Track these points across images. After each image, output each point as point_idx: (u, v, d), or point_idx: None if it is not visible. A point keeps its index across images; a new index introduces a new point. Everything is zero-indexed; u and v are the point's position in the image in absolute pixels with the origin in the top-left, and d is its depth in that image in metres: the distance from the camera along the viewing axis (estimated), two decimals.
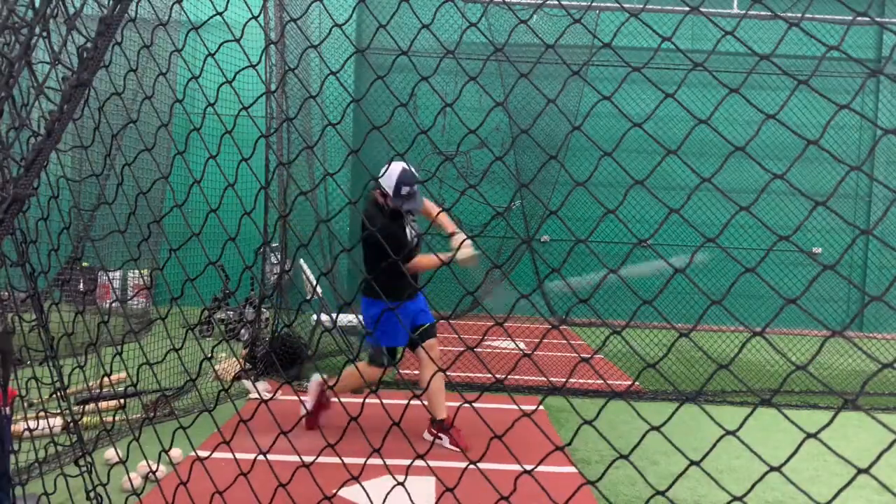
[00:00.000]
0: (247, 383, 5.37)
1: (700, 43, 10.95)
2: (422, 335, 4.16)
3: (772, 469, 1.20)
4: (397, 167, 4.08)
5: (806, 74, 1.32)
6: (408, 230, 4.25)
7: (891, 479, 3.74)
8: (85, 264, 7.96)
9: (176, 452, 3.68)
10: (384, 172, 4.11)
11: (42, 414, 2.39)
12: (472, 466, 1.67)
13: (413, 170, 3.51)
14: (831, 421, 1.22)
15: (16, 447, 2.28)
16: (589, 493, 3.43)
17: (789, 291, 9.47)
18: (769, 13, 6.91)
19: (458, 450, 4.10)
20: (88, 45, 1.57)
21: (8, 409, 2.20)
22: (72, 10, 1.65)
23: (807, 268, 10.11)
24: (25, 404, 4.10)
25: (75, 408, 4.28)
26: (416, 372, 6.13)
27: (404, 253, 4.12)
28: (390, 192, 4.06)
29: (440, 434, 4.22)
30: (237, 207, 1.87)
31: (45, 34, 1.63)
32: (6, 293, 2.18)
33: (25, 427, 2.81)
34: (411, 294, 4.16)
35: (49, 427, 3.46)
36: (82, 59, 1.58)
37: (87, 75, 1.56)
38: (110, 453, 3.56)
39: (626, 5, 1.53)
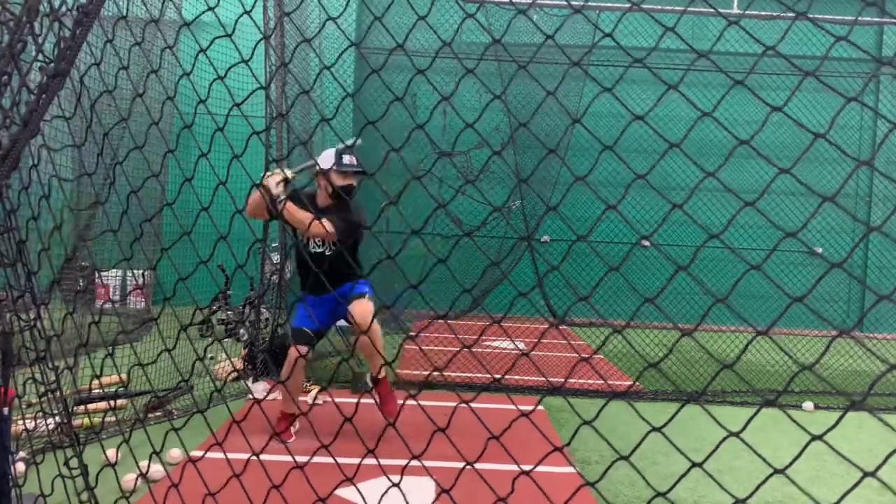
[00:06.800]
0: (245, 383, 5.35)
1: (700, 43, 10.95)
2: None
3: (776, 472, 1.18)
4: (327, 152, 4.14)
5: (809, 72, 1.31)
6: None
7: (892, 478, 3.72)
8: (84, 263, 7.92)
9: (176, 453, 3.66)
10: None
11: (39, 414, 2.38)
12: (473, 466, 1.65)
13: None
14: (837, 423, 1.21)
15: (13, 448, 2.26)
16: (589, 492, 3.41)
17: (789, 292, 9.41)
18: (769, 12, 6.91)
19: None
20: (66, 35, 1.56)
21: (7, 409, 2.18)
22: (57, 3, 1.63)
23: (807, 268, 10.09)
24: (24, 405, 4.08)
25: (72, 408, 4.25)
26: (416, 372, 6.13)
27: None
28: (333, 165, 4.04)
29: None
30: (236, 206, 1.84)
31: (33, 32, 1.61)
32: (3, 293, 2.16)
33: (24, 428, 2.79)
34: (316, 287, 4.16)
35: (46, 427, 3.44)
36: (60, 49, 1.57)
37: (64, 65, 1.55)
38: (108, 454, 3.54)
39: (625, 3, 1.52)
